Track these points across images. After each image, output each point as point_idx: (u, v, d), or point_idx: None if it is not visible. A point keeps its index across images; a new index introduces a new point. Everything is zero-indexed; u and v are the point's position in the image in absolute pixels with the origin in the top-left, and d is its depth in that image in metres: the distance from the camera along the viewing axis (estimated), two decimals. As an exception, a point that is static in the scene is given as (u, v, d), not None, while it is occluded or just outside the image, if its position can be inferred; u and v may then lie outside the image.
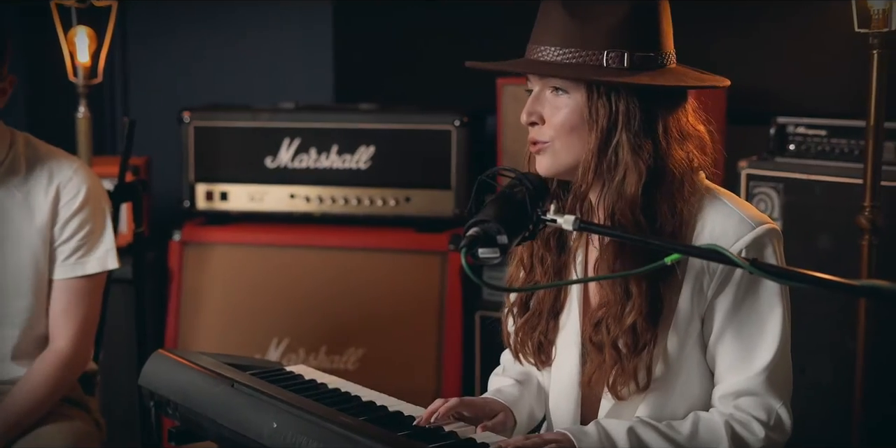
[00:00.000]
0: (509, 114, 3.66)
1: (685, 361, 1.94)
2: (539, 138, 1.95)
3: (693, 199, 1.92)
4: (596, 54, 1.88)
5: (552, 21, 1.91)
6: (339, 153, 3.79)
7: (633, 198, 1.88)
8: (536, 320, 2.07)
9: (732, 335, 1.91)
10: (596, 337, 1.95)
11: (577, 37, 1.88)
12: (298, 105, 3.94)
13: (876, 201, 2.62)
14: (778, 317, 1.90)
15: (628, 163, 1.88)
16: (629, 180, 1.88)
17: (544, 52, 1.91)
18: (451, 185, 3.72)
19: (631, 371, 1.91)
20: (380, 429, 1.90)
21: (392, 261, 3.74)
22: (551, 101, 1.93)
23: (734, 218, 1.90)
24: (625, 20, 1.88)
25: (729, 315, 1.91)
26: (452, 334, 3.68)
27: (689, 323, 1.92)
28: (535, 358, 2.09)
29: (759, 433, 1.90)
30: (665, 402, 1.95)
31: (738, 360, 1.91)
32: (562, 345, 2.05)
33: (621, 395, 1.94)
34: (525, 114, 1.95)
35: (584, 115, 1.89)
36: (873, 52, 2.56)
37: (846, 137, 3.09)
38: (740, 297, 1.90)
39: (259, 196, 3.85)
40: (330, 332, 3.77)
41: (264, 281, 3.80)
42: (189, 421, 2.18)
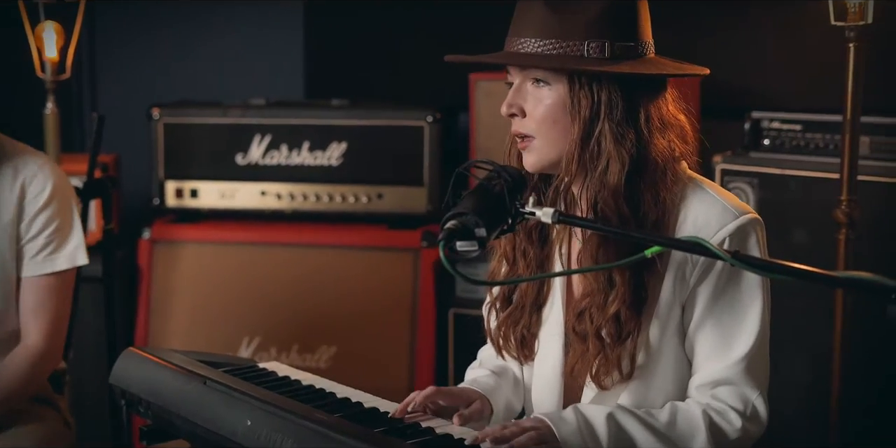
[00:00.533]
0: (482, 110, 3.63)
1: (665, 350, 1.93)
2: (522, 130, 1.94)
3: (676, 187, 1.92)
4: (577, 45, 1.87)
5: (532, 13, 1.90)
6: (310, 150, 3.75)
7: (616, 187, 1.87)
8: (519, 314, 2.06)
9: (712, 324, 1.91)
10: (579, 326, 1.94)
11: (557, 28, 1.87)
12: (269, 101, 3.91)
13: (853, 195, 2.62)
14: (758, 307, 1.89)
15: (611, 152, 1.87)
16: (612, 170, 1.87)
17: (524, 43, 1.90)
18: (424, 181, 3.70)
19: (615, 360, 1.91)
20: (356, 425, 1.87)
21: (364, 258, 3.71)
22: (533, 93, 1.92)
23: (717, 207, 1.90)
24: (604, 10, 1.88)
25: (710, 304, 1.90)
26: (425, 331, 3.66)
27: (670, 311, 1.92)
28: (517, 352, 2.08)
29: (735, 423, 1.89)
30: (646, 390, 1.94)
31: (716, 348, 1.91)
32: (545, 337, 2.04)
33: (604, 384, 1.93)
34: (505, 106, 1.95)
35: (566, 106, 1.89)
36: (850, 45, 2.55)
37: (821, 132, 3.09)
38: (721, 286, 1.90)
39: (230, 193, 3.81)
40: (302, 330, 3.74)
41: (235, 279, 3.77)
42: (161, 419, 2.15)
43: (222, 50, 4.52)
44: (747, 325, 1.89)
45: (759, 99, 3.37)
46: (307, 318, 3.73)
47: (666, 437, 1.87)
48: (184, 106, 3.89)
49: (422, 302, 3.66)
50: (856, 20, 2.50)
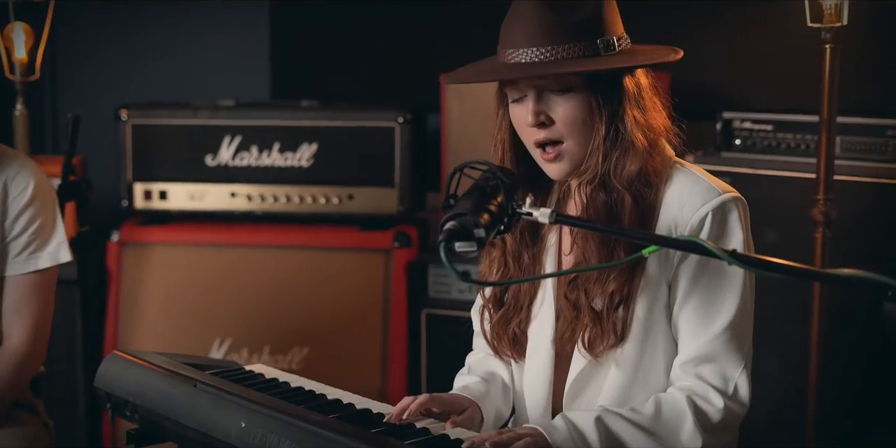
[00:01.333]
0: (454, 111, 3.64)
1: (654, 326, 1.97)
2: (552, 137, 1.96)
3: (665, 164, 1.99)
4: (590, 45, 1.92)
5: (531, 22, 1.93)
6: (280, 151, 3.74)
7: (635, 170, 1.94)
8: (512, 313, 2.09)
9: (694, 302, 1.95)
10: (571, 295, 1.98)
11: (566, 32, 1.91)
12: (238, 102, 3.89)
13: (829, 194, 2.66)
14: (738, 283, 1.93)
15: (632, 140, 1.94)
16: (633, 155, 1.94)
17: (530, 53, 1.92)
18: (395, 182, 3.70)
19: (610, 327, 1.95)
20: (353, 426, 1.88)
21: (336, 259, 3.71)
22: (555, 99, 1.95)
23: (702, 185, 1.96)
24: (596, 9, 1.93)
25: (692, 282, 1.94)
26: (398, 332, 3.66)
27: (657, 288, 1.96)
28: (511, 351, 2.11)
29: (717, 404, 1.92)
30: (636, 365, 1.98)
31: (698, 325, 1.95)
32: (535, 328, 2.07)
33: (595, 351, 1.96)
34: (532, 115, 1.95)
35: (591, 106, 1.93)
36: (826, 46, 2.59)
37: (792, 132, 3.13)
38: (703, 264, 1.93)
39: (199, 195, 3.80)
40: (273, 332, 3.73)
41: (205, 281, 3.75)
42: (149, 422, 2.14)
43: (187, 51, 4.49)
44: (728, 300, 1.93)
45: (730, 99, 3.41)
46: (279, 320, 3.72)
47: (653, 431, 1.90)
48: (152, 107, 3.87)
49: (394, 302, 3.66)
50: (832, 22, 2.54)
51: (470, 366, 2.23)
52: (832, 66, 2.59)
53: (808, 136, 3.09)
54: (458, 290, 3.61)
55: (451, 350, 3.57)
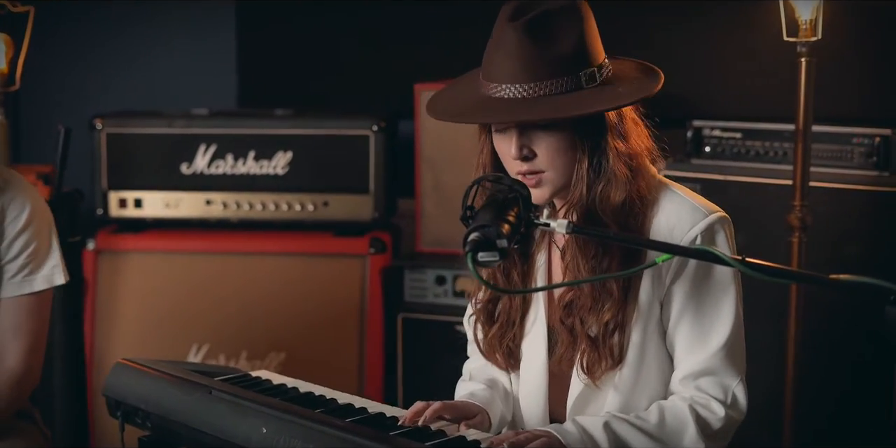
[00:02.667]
0: (427, 119, 3.71)
1: (649, 347, 2.04)
2: (534, 169, 2.00)
3: (651, 188, 2.04)
4: (571, 80, 1.94)
5: (512, 54, 1.94)
6: (256, 159, 3.79)
7: (620, 201, 1.98)
8: (504, 329, 2.14)
9: (690, 319, 2.02)
10: (568, 320, 2.04)
11: (547, 67, 1.93)
12: (212, 111, 3.94)
13: (805, 200, 2.77)
14: (731, 298, 2.01)
15: (615, 170, 1.98)
16: (616, 185, 1.98)
17: (516, 89, 1.94)
18: (370, 189, 3.77)
19: (606, 353, 2.01)
20: (373, 430, 1.95)
21: (312, 265, 3.76)
22: (538, 134, 1.98)
23: (687, 206, 2.02)
24: (581, 39, 1.95)
25: (686, 300, 2.02)
26: (374, 337, 3.73)
27: (650, 309, 2.02)
28: (505, 363, 2.17)
29: (719, 413, 2.02)
30: (633, 387, 2.05)
31: (695, 341, 2.02)
32: (528, 345, 2.14)
33: (593, 376, 2.03)
34: (516, 150, 1.98)
35: (574, 140, 1.98)
36: (801, 59, 2.70)
37: (760, 139, 3.24)
38: (697, 282, 2.01)
39: (174, 203, 3.83)
40: (250, 337, 3.77)
41: (182, 288, 3.78)
42: (162, 429, 2.19)
43: (153, 59, 4.52)
44: (723, 316, 2.01)
45: (700, 108, 3.51)
46: (255, 326, 3.77)
47: (658, 437, 1.98)
48: (127, 116, 3.90)
49: (370, 307, 3.73)
50: (807, 36, 2.65)
51: (471, 373, 2.28)
52: (807, 77, 2.70)
53: (777, 144, 3.21)
54: (434, 294, 3.68)
55: (428, 354, 3.68)
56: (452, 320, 3.65)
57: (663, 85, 2.02)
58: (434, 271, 3.69)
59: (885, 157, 3.03)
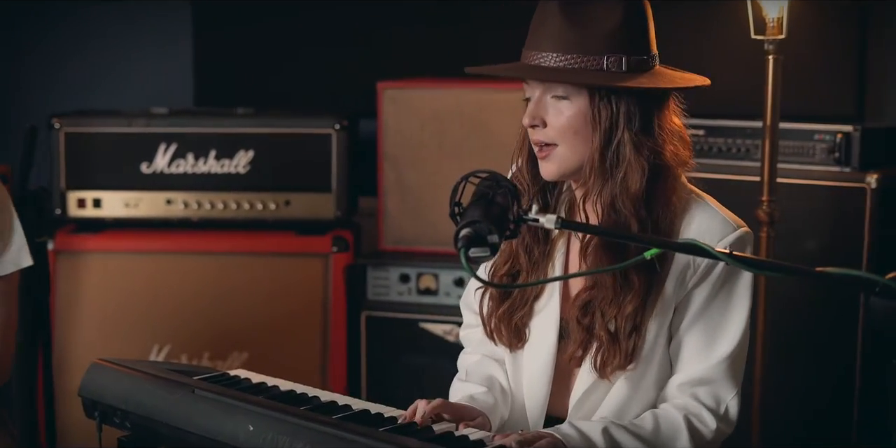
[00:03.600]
0: (390, 117, 3.72)
1: (658, 347, 2.07)
2: (543, 139, 2.04)
3: (682, 193, 2.07)
4: (597, 59, 1.99)
5: (550, 27, 2.00)
6: (217, 158, 3.77)
7: (636, 193, 2.00)
8: (517, 306, 2.15)
9: (701, 325, 2.05)
10: (585, 319, 2.05)
11: (577, 43, 1.98)
12: (173, 110, 3.91)
13: (773, 196, 2.82)
14: (744, 311, 2.05)
15: (631, 160, 2.00)
16: (632, 177, 2.00)
17: (545, 57, 2.00)
18: (332, 188, 3.76)
19: (625, 351, 2.03)
20: (364, 426, 1.95)
21: (274, 264, 3.75)
22: (553, 105, 2.03)
23: (718, 218, 2.06)
24: (620, 25, 1.99)
25: (703, 306, 2.04)
26: (337, 336, 3.73)
27: (667, 311, 2.05)
28: (509, 341, 2.17)
29: (711, 424, 2.05)
30: (638, 384, 2.07)
31: (702, 348, 2.05)
32: (537, 328, 2.14)
33: (605, 373, 2.05)
34: (528, 117, 2.04)
35: (587, 118, 2.01)
36: (769, 57, 2.74)
37: (723, 136, 3.29)
38: (716, 291, 2.04)
39: (134, 202, 3.80)
40: (213, 337, 3.76)
41: (143, 288, 3.76)
42: (143, 429, 2.18)
43: (108, 59, 4.48)
44: (733, 327, 2.04)
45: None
46: (218, 325, 3.75)
47: (653, 444, 2.01)
48: (86, 115, 3.85)
49: (333, 306, 3.73)
50: (774, 34, 2.69)
51: (467, 370, 2.27)
52: (774, 75, 2.75)
53: (739, 141, 3.26)
54: (397, 292, 3.69)
55: (391, 351, 3.69)
56: (416, 318, 3.67)
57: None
58: (397, 269, 3.70)
59: (846, 154, 3.09)
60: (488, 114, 3.63)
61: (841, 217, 3.08)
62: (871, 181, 3.06)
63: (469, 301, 2.36)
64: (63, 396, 3.43)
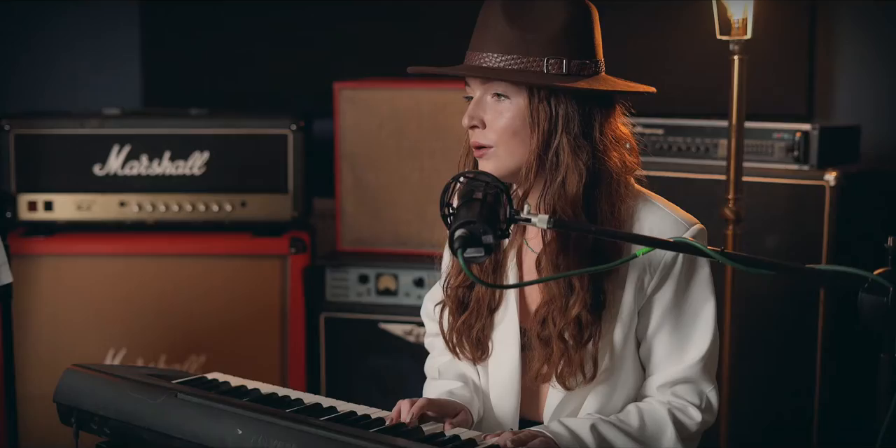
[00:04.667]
0: (347, 117, 3.71)
1: (627, 353, 2.07)
2: (482, 142, 2.03)
3: (629, 200, 2.06)
4: (537, 61, 1.98)
5: (493, 29, 2.00)
6: (171, 159, 3.73)
7: (574, 197, 1.99)
8: (474, 318, 2.14)
9: (669, 328, 2.06)
10: (543, 332, 2.05)
11: (518, 44, 1.98)
12: (125, 111, 3.86)
13: (739, 194, 2.85)
14: (711, 309, 2.07)
15: (569, 164, 1.99)
16: (570, 180, 1.99)
17: (486, 58, 2.00)
18: (289, 189, 3.74)
19: (578, 362, 2.02)
20: (354, 428, 1.95)
21: (231, 266, 3.72)
22: (493, 106, 2.02)
23: (669, 219, 2.06)
24: (563, 29, 1.99)
25: (667, 309, 2.06)
26: (296, 337, 3.71)
27: (631, 317, 2.06)
28: (472, 354, 2.17)
29: (696, 417, 2.07)
30: (611, 392, 2.08)
31: (674, 350, 2.06)
32: (499, 339, 2.14)
33: (569, 385, 2.05)
34: (467, 117, 2.03)
35: (525, 119, 2.00)
36: (734, 57, 2.78)
37: (682, 136, 3.32)
38: (679, 292, 2.05)
39: (87, 205, 3.75)
40: (169, 340, 3.72)
41: (97, 291, 3.70)
42: (122, 434, 2.15)
43: (55, 59, 4.41)
44: (702, 326, 2.06)
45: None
46: (174, 328, 3.71)
47: (640, 439, 2.02)
48: (36, 116, 3.79)
49: (291, 308, 3.70)
50: (739, 35, 2.73)
51: (440, 370, 2.27)
52: (740, 74, 2.78)
53: (697, 139, 3.29)
54: (357, 293, 3.68)
55: (351, 353, 3.68)
56: (376, 319, 3.66)
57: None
58: (356, 270, 3.69)
59: (805, 152, 3.14)
60: (446, 113, 3.63)
61: (800, 214, 3.13)
62: (829, 179, 3.11)
63: (428, 310, 2.36)
64: (19, 401, 3.38)
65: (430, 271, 3.62)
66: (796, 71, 3.75)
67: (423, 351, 3.55)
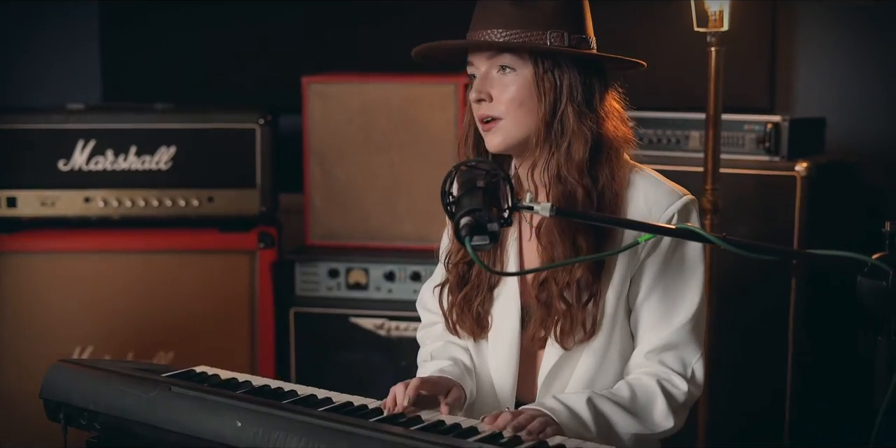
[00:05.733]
0: (316, 111, 3.69)
1: (619, 318, 2.12)
2: (490, 113, 2.08)
3: (626, 167, 2.14)
4: (539, 34, 2.05)
5: (495, 8, 2.07)
6: (137, 154, 3.70)
7: (580, 162, 2.06)
8: (475, 293, 2.19)
9: (659, 295, 2.11)
10: (542, 294, 2.10)
11: (520, 19, 2.05)
12: (89, 105, 3.82)
13: (716, 184, 2.89)
14: (699, 278, 2.11)
15: (574, 130, 2.07)
16: (576, 146, 2.06)
17: (490, 33, 2.06)
18: (257, 183, 3.72)
19: (580, 321, 2.08)
20: (353, 418, 1.95)
21: (198, 262, 3.69)
22: (499, 79, 2.08)
23: (663, 188, 2.13)
24: (562, 5, 2.07)
25: (657, 276, 2.11)
26: (265, 332, 3.69)
27: (622, 283, 2.11)
28: (471, 329, 2.21)
29: (682, 387, 2.11)
30: (604, 354, 2.12)
31: (662, 316, 2.11)
32: (499, 313, 2.18)
33: (567, 344, 2.09)
34: (475, 92, 2.09)
35: (531, 90, 2.06)
36: (711, 49, 2.81)
37: (652, 128, 3.35)
38: (668, 260, 2.10)
39: (51, 201, 3.70)
40: (137, 337, 3.68)
41: (63, 288, 3.66)
42: (114, 429, 2.13)
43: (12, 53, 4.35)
44: (689, 294, 2.11)
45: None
46: (142, 325, 3.68)
47: (633, 411, 2.06)
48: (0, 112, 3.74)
49: (260, 303, 3.68)
50: (716, 27, 2.76)
51: (431, 354, 2.30)
52: (717, 66, 2.82)
53: (668, 132, 3.33)
54: (327, 287, 3.67)
55: (322, 347, 3.66)
56: (347, 313, 3.65)
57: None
58: (326, 264, 3.68)
59: (776, 143, 3.19)
60: (416, 107, 3.63)
61: (771, 204, 3.17)
62: (800, 169, 3.16)
63: (425, 301, 2.39)
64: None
65: (400, 265, 3.62)
66: (759, 65, 3.80)
67: (395, 345, 3.61)
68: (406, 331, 3.60)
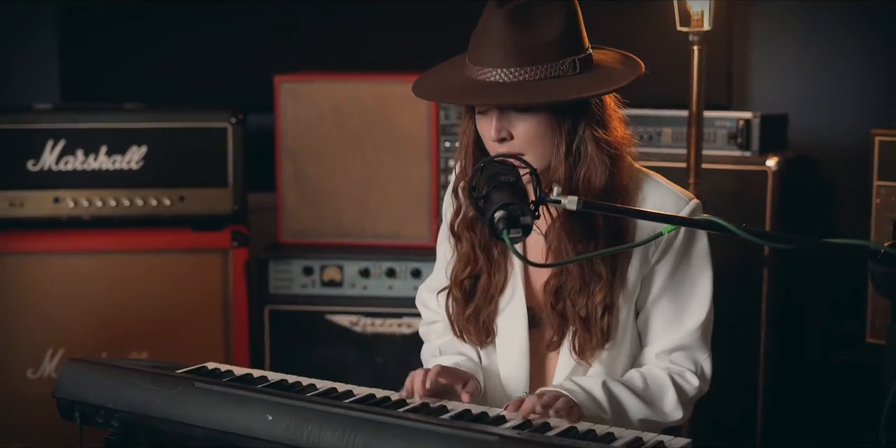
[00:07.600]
0: (288, 110, 3.71)
1: (629, 322, 2.17)
2: (512, 151, 2.05)
3: (632, 174, 2.16)
4: (552, 66, 2.02)
5: (498, 39, 2.01)
6: (108, 154, 3.68)
7: (599, 189, 2.07)
8: (482, 305, 2.21)
9: (669, 297, 2.17)
10: (558, 305, 2.13)
11: (529, 52, 2.01)
12: (56, 105, 3.79)
13: (699, 179, 2.97)
14: (708, 279, 2.17)
15: (593, 157, 2.07)
16: (595, 174, 2.07)
17: (500, 73, 2.01)
18: (228, 182, 3.72)
19: (598, 333, 2.12)
20: (383, 408, 1.98)
21: (170, 261, 3.69)
22: (517, 117, 2.05)
23: (672, 195, 2.16)
24: (564, 29, 2.04)
25: (667, 279, 2.16)
26: (240, 330, 3.70)
27: (634, 288, 2.16)
28: (477, 338, 2.24)
29: (693, 382, 2.18)
30: (615, 360, 2.18)
31: (673, 319, 2.17)
32: (505, 321, 2.21)
33: (586, 358, 2.14)
34: (495, 131, 2.05)
35: (551, 124, 2.05)
36: (694, 47, 2.90)
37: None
38: (677, 262, 2.16)
39: (20, 201, 3.66)
40: (109, 338, 3.66)
41: (33, 290, 3.63)
42: (133, 426, 2.14)
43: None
44: (699, 296, 2.17)
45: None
46: (115, 326, 3.66)
47: (645, 398, 2.13)
48: (-35, 113, 3.70)
49: (234, 302, 3.69)
50: (699, 26, 2.85)
51: (441, 349, 2.33)
52: (699, 65, 2.90)
53: (641, 128, 3.39)
54: (301, 285, 3.69)
55: (297, 345, 3.68)
56: (322, 310, 3.68)
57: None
58: (300, 262, 3.70)
59: (747, 139, 3.29)
60: (388, 105, 3.67)
61: (743, 198, 3.27)
62: (771, 164, 3.26)
63: (424, 299, 2.42)
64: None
65: (375, 262, 3.65)
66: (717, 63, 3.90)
67: (370, 342, 3.64)
68: (381, 327, 3.64)
